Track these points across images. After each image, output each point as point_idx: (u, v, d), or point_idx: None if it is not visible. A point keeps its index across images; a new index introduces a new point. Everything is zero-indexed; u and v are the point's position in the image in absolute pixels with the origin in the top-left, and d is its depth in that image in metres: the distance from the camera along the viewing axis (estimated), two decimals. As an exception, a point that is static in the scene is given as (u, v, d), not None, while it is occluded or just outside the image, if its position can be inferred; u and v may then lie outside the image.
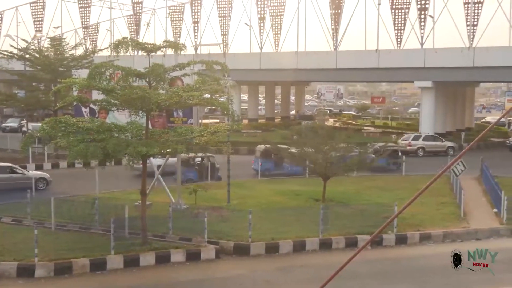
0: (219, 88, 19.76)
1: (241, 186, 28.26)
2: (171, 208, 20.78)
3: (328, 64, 52.99)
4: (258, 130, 54.65)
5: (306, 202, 25.25)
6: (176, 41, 21.20)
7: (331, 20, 55.14)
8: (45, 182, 29.18)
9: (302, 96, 79.58)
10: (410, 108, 79.52)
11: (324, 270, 15.25)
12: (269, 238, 19.68)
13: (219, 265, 18.38)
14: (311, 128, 30.53)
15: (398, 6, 52.43)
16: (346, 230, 20.64)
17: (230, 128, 21.54)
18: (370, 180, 31.04)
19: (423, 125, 50.63)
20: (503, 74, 49.55)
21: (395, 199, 22.53)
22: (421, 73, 49.12)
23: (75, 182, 30.02)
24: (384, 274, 17.52)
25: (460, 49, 48.23)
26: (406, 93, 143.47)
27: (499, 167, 34.29)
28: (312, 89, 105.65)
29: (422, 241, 20.93)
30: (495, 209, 24.24)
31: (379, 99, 78.72)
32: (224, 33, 61.34)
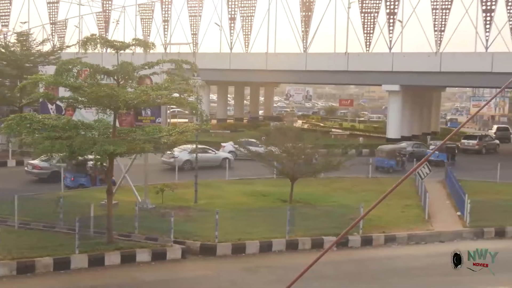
0: (188, 87, 19.71)
1: (209, 186, 28.20)
2: (138, 207, 20.64)
3: (298, 66, 53.24)
4: (226, 131, 54.63)
5: (274, 203, 25.31)
6: (145, 40, 21.10)
7: (301, 22, 55.39)
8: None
9: (271, 97, 79.77)
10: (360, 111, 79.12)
11: (290, 271, 15.31)
12: (235, 238, 19.67)
13: (185, 265, 18.31)
14: (280, 129, 30.60)
15: (368, 10, 52.94)
16: (313, 231, 20.74)
17: (199, 128, 21.49)
18: (338, 181, 31.26)
19: (390, 128, 51.25)
20: (468, 80, 50.45)
21: (362, 200, 22.72)
22: (389, 76, 49.69)
23: (40, 180, 29.62)
24: (350, 276, 17.66)
25: (427, 54, 48.92)
26: (374, 96, 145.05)
27: (463, 170, 34.93)
28: (282, 90, 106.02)
29: (387, 242, 21.15)
30: (459, 212, 24.63)
31: (347, 102, 79.33)
32: (194, 32, 61.12)
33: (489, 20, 49.25)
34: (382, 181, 30.56)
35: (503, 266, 19.31)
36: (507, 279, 17.13)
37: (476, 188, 28.25)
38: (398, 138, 49.40)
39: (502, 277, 17.48)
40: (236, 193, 27.35)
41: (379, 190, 26.25)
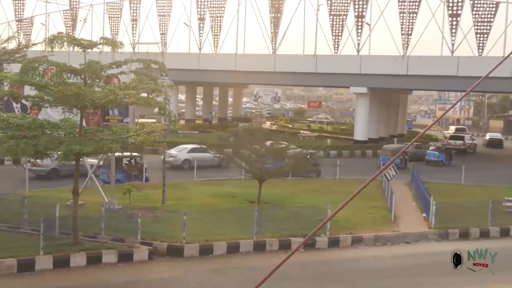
0: (156, 87, 19.55)
1: (177, 187, 28.06)
2: (104, 208, 20.41)
3: (267, 67, 53.37)
4: (195, 131, 54.45)
5: (241, 204, 25.29)
6: (113, 39, 20.87)
7: (271, 23, 55.54)
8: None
9: (240, 98, 79.79)
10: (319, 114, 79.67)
11: (258, 272, 15.32)
12: (203, 239, 19.60)
13: (152, 266, 18.17)
14: (248, 131, 30.62)
15: (336, 12, 53.32)
16: (280, 232, 20.78)
17: (167, 128, 21.35)
18: (305, 183, 31.40)
19: (357, 130, 51.70)
20: (434, 83, 51.21)
21: (329, 202, 22.85)
22: (357, 79, 50.15)
23: (3, 180, 29.08)
24: (317, 277, 17.74)
25: (395, 57, 49.52)
26: (342, 98, 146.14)
27: (429, 172, 35.41)
28: (250, 91, 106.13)
29: (354, 244, 21.31)
30: (424, 214, 24.95)
31: (315, 104, 79.80)
32: (163, 32, 60.79)
33: (455, 25, 50.11)
34: (349, 183, 30.77)
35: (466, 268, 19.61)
36: (472, 279, 17.42)
37: (441, 190, 28.66)
38: (365, 140, 49.91)
39: (467, 278, 17.79)
40: (204, 194, 27.28)
41: (346, 191, 26.39)
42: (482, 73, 12.55)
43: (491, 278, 17.64)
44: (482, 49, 52.54)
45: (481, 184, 33.33)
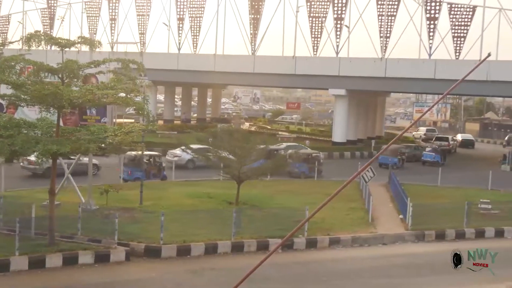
0: (135, 87, 19.45)
1: (154, 188, 27.94)
2: (81, 209, 20.25)
3: (246, 68, 53.38)
4: (173, 132, 54.26)
5: (220, 205, 25.26)
6: (91, 38, 20.72)
7: (250, 24, 55.55)
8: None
9: (218, 99, 79.70)
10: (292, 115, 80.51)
11: (235, 273, 15.32)
12: (181, 240, 19.54)
13: (129, 267, 18.07)
14: (227, 131, 30.60)
15: (316, 14, 53.50)
16: (258, 233, 20.79)
17: (145, 129, 21.25)
18: (284, 184, 31.46)
19: (336, 132, 51.91)
20: (412, 85, 51.66)
21: (307, 203, 22.91)
22: (336, 81, 50.37)
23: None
24: (294, 278, 17.78)
25: (373, 59, 49.84)
26: (320, 100, 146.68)
27: (406, 174, 35.70)
28: (229, 92, 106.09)
29: (332, 245, 21.39)
30: (401, 215, 25.14)
31: (294, 105, 80.00)
32: (141, 32, 60.48)
33: (432, 28, 50.62)
34: (328, 184, 30.91)
35: (442, 268, 19.84)
36: (448, 280, 17.60)
37: (418, 192, 28.92)
38: (343, 142, 50.14)
39: (444, 279, 17.98)
40: (182, 194, 27.18)
41: (324, 192, 26.56)
42: (459, 76, 12.70)
43: (468, 278, 17.91)
44: (459, 52, 53.15)
45: (457, 186, 33.70)
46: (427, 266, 19.60)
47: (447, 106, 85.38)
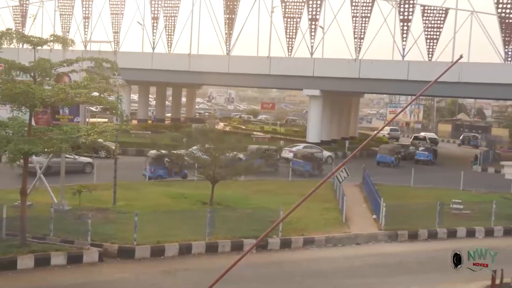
0: (108, 86, 19.28)
1: (128, 188, 27.73)
2: (53, 209, 20.01)
3: (221, 68, 53.29)
4: (147, 131, 53.94)
5: (194, 205, 25.18)
6: (64, 36, 20.52)
7: (225, 24, 55.50)
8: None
9: (193, 99, 79.46)
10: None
11: (210, 273, 15.25)
12: (155, 241, 19.42)
13: (102, 268, 17.91)
14: (201, 131, 30.50)
15: (290, 15, 53.67)
16: (233, 234, 20.78)
17: (119, 128, 21.06)
18: (258, 184, 31.48)
19: (310, 132, 52.09)
20: (386, 87, 52.07)
21: (281, 203, 22.97)
22: (310, 81, 50.56)
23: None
24: (268, 278, 17.79)
25: (347, 60, 50.13)
26: (295, 100, 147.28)
27: (380, 175, 35.97)
28: (204, 92, 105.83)
29: (306, 245, 21.47)
30: (375, 215, 25.34)
31: (269, 105, 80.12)
32: (115, 30, 60.04)
33: (406, 30, 51.12)
34: (302, 184, 31.01)
35: (415, 268, 20.07)
36: (420, 280, 17.78)
37: (391, 192, 29.16)
38: (318, 142, 50.31)
39: (416, 279, 18.15)
40: (156, 195, 27.03)
41: (299, 193, 26.60)
42: (432, 77, 12.83)
43: (441, 278, 18.14)
44: (432, 54, 53.83)
45: (430, 186, 34.08)
46: (400, 266, 19.78)
47: (420, 107, 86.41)
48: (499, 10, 47.40)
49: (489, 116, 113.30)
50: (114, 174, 24.89)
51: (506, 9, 47.42)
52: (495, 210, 25.29)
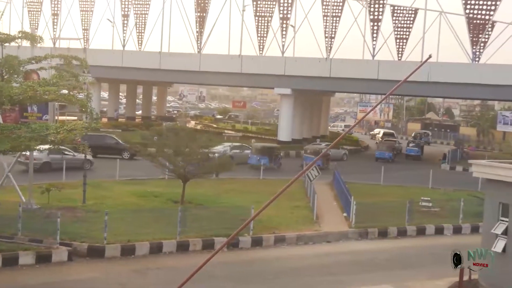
0: (78, 84, 19.12)
1: (98, 186, 27.46)
2: (21, 208, 19.71)
3: (192, 66, 53.13)
4: (117, 129, 53.51)
5: (165, 204, 25.06)
6: (33, 33, 20.24)
7: (196, 22, 55.32)
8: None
9: (164, 97, 79.04)
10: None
11: (181, 272, 15.22)
12: (125, 240, 19.28)
13: (72, 267, 17.71)
14: (172, 130, 30.37)
15: (261, 13, 53.74)
16: (204, 232, 20.74)
17: (88, 126, 20.86)
18: (229, 182, 31.45)
19: (281, 131, 52.24)
20: (356, 86, 52.51)
21: (253, 202, 23.00)
22: (281, 80, 50.70)
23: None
24: (239, 276, 17.80)
25: (318, 59, 50.38)
26: (266, 99, 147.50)
27: (350, 173, 36.23)
28: (175, 90, 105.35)
29: (277, 243, 21.53)
30: (345, 213, 25.53)
31: (240, 104, 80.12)
32: (85, 28, 59.45)
33: (376, 29, 51.56)
34: (273, 183, 31.09)
35: (384, 265, 20.28)
36: (390, 277, 17.96)
37: (361, 190, 29.42)
38: (289, 141, 50.52)
39: (386, 276, 18.33)
40: (126, 193, 26.84)
41: (270, 191, 26.61)
42: (401, 77, 12.95)
43: (410, 275, 18.37)
44: (402, 53, 54.40)
45: (399, 184, 34.47)
46: (371, 263, 19.96)
47: (390, 106, 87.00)
48: (467, 11, 48.13)
49: (457, 115, 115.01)
50: (84, 173, 24.65)
51: (474, 10, 48.17)
52: (463, 208, 25.69)
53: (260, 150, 39.43)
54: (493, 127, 68.55)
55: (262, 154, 38.86)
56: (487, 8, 47.85)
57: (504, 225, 15.75)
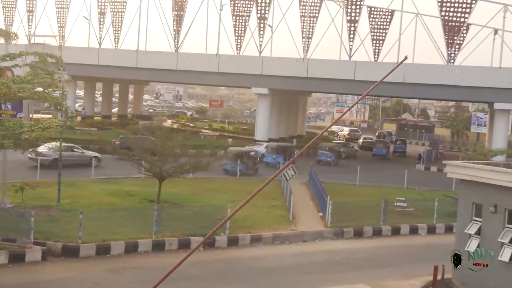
0: (53, 82, 18.92)
1: (73, 185, 27.21)
2: (-6, 207, 19.48)
3: (169, 65, 52.89)
4: (93, 128, 53.04)
5: (141, 203, 24.92)
6: (7, 30, 19.99)
7: (174, 21, 55.08)
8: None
9: (140, 96, 78.58)
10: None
11: (156, 271, 15.15)
12: (100, 239, 19.15)
13: (46, 267, 17.53)
14: (148, 129, 30.21)
15: (239, 13, 53.68)
16: (180, 232, 20.68)
17: (63, 125, 20.67)
18: (206, 182, 31.40)
19: (258, 130, 52.24)
20: (333, 86, 52.72)
21: (229, 201, 22.99)
22: (258, 80, 50.70)
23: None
24: (215, 275, 17.78)
25: (295, 59, 50.49)
26: (243, 99, 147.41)
27: (326, 173, 36.43)
28: (152, 88, 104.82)
29: (253, 243, 21.54)
30: (321, 213, 25.64)
31: (217, 103, 79.99)
32: (61, 25, 58.81)
33: (353, 30, 51.83)
34: (250, 182, 31.10)
35: (359, 264, 20.41)
36: (365, 276, 18.08)
37: (337, 190, 29.58)
38: (266, 140, 50.54)
39: (360, 275, 18.46)
40: (101, 192, 26.63)
41: (246, 190, 26.66)
42: (378, 78, 13.05)
43: (385, 274, 18.51)
44: (378, 54, 54.77)
45: (375, 184, 34.70)
46: (346, 263, 20.08)
47: (366, 106, 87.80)
48: (442, 13, 48.60)
49: (433, 116, 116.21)
50: (59, 171, 24.40)
51: (449, 12, 48.65)
52: (437, 208, 25.97)
53: (275, 149, 41.42)
54: (467, 128, 69.42)
55: (277, 153, 40.74)
56: (462, 11, 48.37)
57: (477, 225, 15.96)
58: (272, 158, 40.15)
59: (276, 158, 39.63)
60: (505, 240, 15.00)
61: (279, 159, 39.14)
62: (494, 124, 50.02)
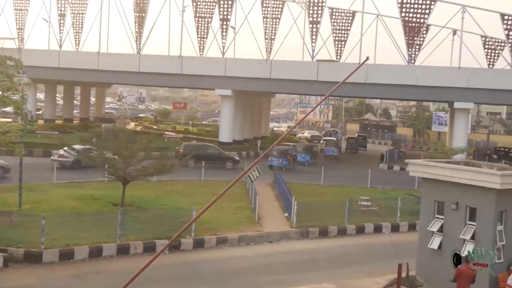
0: (12, 85, 18.58)
1: (34, 190, 26.75)
2: (-47, 214, 19.03)
3: (131, 67, 52.48)
4: (55, 132, 52.29)
5: (104, 207, 24.61)
6: (-36, 32, 19.56)
7: (135, 23, 54.66)
8: None
9: (102, 98, 77.75)
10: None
11: (121, 276, 14.99)
12: (63, 244, 18.86)
13: (7, 274, 17.18)
14: (112, 131, 29.87)
15: (201, 14, 53.59)
16: (145, 235, 20.51)
17: (24, 129, 20.31)
18: (170, 184, 31.21)
19: (222, 132, 52.22)
20: (296, 87, 53.01)
21: (194, 203, 22.90)
22: (222, 81, 50.68)
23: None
24: (182, 278, 17.70)
25: (259, 60, 50.64)
26: (207, 100, 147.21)
27: (292, 173, 36.61)
28: (114, 91, 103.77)
29: (219, 244, 21.51)
30: (286, 213, 25.74)
31: (181, 105, 79.63)
32: (19, 27, 57.82)
33: (315, 31, 52.17)
34: (214, 184, 31.05)
35: (324, 264, 20.55)
36: (330, 275, 18.21)
37: (302, 191, 29.75)
38: (230, 142, 50.54)
39: (326, 274, 18.58)
40: (64, 197, 26.23)
41: (211, 192, 26.64)
42: (340, 78, 13.17)
43: (349, 273, 18.67)
44: (340, 55, 55.30)
45: (339, 184, 35.00)
46: (312, 262, 20.20)
47: (329, 107, 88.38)
48: (402, 14, 49.32)
49: (395, 116, 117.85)
50: (20, 176, 23.94)
51: (409, 13, 49.40)
52: (400, 206, 26.31)
53: (304, 149, 46.65)
54: (428, 127, 70.60)
55: (306, 152, 45.78)
56: (422, 12, 49.17)
57: (439, 222, 16.23)
58: (302, 156, 44.81)
59: (305, 157, 45.01)
60: (466, 237, 15.28)
61: (307, 157, 45.13)
62: (454, 123, 50.96)
